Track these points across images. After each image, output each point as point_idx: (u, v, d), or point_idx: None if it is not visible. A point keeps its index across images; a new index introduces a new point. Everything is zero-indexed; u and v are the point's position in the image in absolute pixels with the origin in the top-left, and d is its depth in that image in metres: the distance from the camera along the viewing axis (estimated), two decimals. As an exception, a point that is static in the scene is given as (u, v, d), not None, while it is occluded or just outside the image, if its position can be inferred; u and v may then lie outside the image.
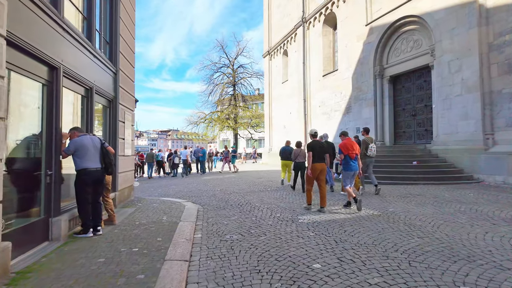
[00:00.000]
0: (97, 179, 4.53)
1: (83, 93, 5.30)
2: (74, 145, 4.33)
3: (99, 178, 4.56)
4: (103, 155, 4.61)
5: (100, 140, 4.66)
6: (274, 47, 23.92)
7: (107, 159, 4.63)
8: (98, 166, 4.53)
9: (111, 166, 4.69)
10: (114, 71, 6.69)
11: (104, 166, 4.62)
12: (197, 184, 12.19)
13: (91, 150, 4.44)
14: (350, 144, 6.55)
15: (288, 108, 21.76)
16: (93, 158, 4.46)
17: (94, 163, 4.46)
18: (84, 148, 4.37)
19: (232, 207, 6.92)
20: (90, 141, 4.50)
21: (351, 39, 14.95)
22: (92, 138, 4.56)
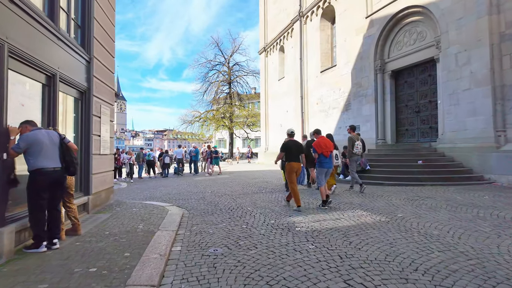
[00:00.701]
0: (56, 181, 3.76)
1: (44, 81, 4.52)
2: (25, 141, 3.56)
3: (58, 179, 3.79)
4: (63, 152, 3.84)
5: (59, 135, 3.90)
6: (270, 43, 23.20)
7: (68, 157, 3.86)
8: (57, 165, 3.77)
9: (73, 165, 3.91)
10: (87, 58, 5.91)
11: (64, 166, 3.85)
12: (187, 186, 11.41)
13: (47, 147, 3.69)
14: (324, 142, 6.56)
15: (285, 106, 21.05)
16: (50, 156, 3.70)
17: (51, 162, 3.71)
18: (39, 145, 3.62)
19: (221, 212, 6.17)
20: (46, 136, 3.74)
21: (350, 33, 14.26)
22: (48, 133, 3.81)
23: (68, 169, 3.86)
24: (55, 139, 3.81)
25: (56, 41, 4.69)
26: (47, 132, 3.80)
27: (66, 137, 3.99)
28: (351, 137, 8.21)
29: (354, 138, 8.21)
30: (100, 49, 6.41)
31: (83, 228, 4.74)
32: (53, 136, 3.80)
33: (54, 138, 3.80)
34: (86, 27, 5.94)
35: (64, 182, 3.91)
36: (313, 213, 5.76)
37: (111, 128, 7.25)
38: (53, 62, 4.61)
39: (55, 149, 3.78)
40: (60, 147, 3.82)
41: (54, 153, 3.75)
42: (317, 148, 6.49)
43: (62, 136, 3.89)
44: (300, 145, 6.68)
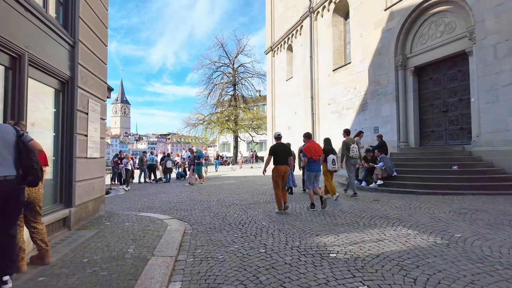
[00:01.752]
0: (6, 195, 2.66)
1: (6, 63, 3.49)
2: None
3: (10, 193, 2.69)
4: (19, 154, 2.77)
5: (15, 130, 2.81)
6: (278, 42, 22.20)
7: (26, 161, 2.76)
8: (9, 172, 2.69)
9: (33, 173, 2.79)
10: (70, 42, 4.90)
11: (21, 173, 2.77)
12: (191, 192, 10.34)
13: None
14: (313, 146, 6.68)
15: (293, 108, 19.97)
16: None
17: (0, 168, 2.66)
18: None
19: (231, 228, 5.09)
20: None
21: (367, 27, 13.19)
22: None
23: (25, 178, 2.79)
24: (9, 136, 2.73)
25: (23, 13, 3.67)
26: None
27: (27, 133, 2.92)
28: (345, 141, 8.16)
29: (349, 141, 8.12)
30: (87, 32, 5.40)
31: (55, 252, 3.69)
32: (5, 133, 2.73)
33: (7, 135, 2.73)
34: (69, 5, 4.93)
35: (19, 195, 2.80)
36: (345, 231, 4.66)
37: (102, 127, 6.22)
38: (19, 39, 3.59)
39: (8, 150, 2.70)
40: (15, 147, 2.75)
41: (6, 156, 2.68)
42: (307, 152, 6.60)
43: (21, 132, 2.82)
44: (288, 148, 6.70)
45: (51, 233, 4.28)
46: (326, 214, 5.88)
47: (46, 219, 4.13)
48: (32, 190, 3.17)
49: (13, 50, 3.50)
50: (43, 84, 4.34)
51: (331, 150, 7.54)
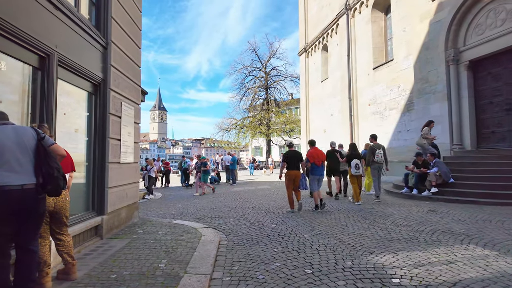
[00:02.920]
0: (23, 207, 2.37)
1: (34, 63, 3.31)
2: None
3: (27, 204, 2.39)
4: (39, 160, 2.47)
5: (35, 133, 2.53)
6: (312, 42, 21.49)
7: (47, 168, 2.46)
8: (28, 181, 2.40)
9: (54, 181, 2.47)
10: (103, 43, 4.74)
11: (41, 182, 2.47)
12: (225, 198, 10.00)
13: (11, 152, 2.36)
14: (316, 153, 7.22)
15: (329, 110, 19.11)
16: (14, 166, 2.36)
17: (15, 176, 2.35)
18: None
19: (269, 240, 4.60)
20: (12, 135, 2.40)
21: (412, 21, 12.16)
22: (16, 130, 2.46)
23: (45, 187, 2.47)
24: (28, 139, 2.46)
25: (53, 11, 3.49)
26: (15, 129, 2.46)
27: (49, 137, 2.64)
28: (371, 146, 8.30)
29: (375, 146, 8.22)
30: (120, 33, 5.24)
31: (83, 266, 3.42)
32: (24, 135, 2.45)
33: (26, 138, 2.45)
34: (101, 5, 4.78)
35: (38, 206, 2.51)
36: (403, 249, 3.97)
37: (136, 132, 6.05)
38: (48, 38, 3.41)
39: (26, 156, 2.43)
40: (35, 153, 2.48)
41: (24, 162, 2.41)
42: (310, 158, 7.14)
43: (42, 135, 2.54)
44: (300, 155, 7.12)
45: (82, 243, 4.07)
46: (377, 227, 5.18)
47: (77, 228, 3.93)
48: (59, 199, 2.91)
49: (41, 49, 3.32)
50: (75, 86, 4.18)
51: (355, 155, 7.90)
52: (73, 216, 4.00)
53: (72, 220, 3.91)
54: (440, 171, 7.89)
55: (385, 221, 5.62)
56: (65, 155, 2.71)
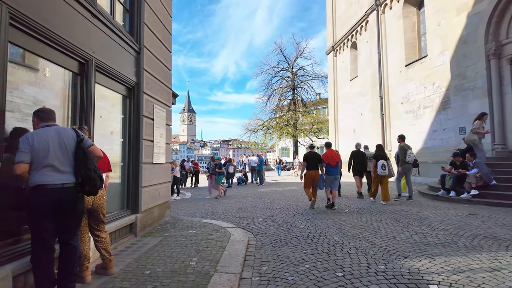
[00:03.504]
0: (64, 204, 2.49)
1: (74, 69, 3.52)
2: (26, 145, 2.39)
3: (68, 202, 2.51)
4: (78, 160, 2.58)
5: (75, 135, 2.64)
6: (340, 40, 21.06)
7: (85, 169, 2.56)
8: (68, 180, 2.52)
9: (92, 182, 2.57)
10: (136, 48, 4.94)
11: (80, 181, 2.58)
12: (252, 199, 10.05)
13: (54, 153, 2.48)
14: (331, 154, 7.64)
15: (359, 109, 18.61)
16: (56, 166, 2.48)
17: (56, 176, 2.47)
18: (39, 149, 2.42)
19: (298, 242, 4.55)
20: (55, 136, 2.52)
21: (448, 14, 11.54)
22: (59, 131, 2.57)
23: (83, 186, 2.57)
24: (68, 140, 2.57)
25: (90, 19, 3.70)
26: (57, 131, 2.56)
27: (88, 138, 2.77)
28: (402, 146, 8.29)
29: (406, 147, 8.25)
30: (152, 38, 5.44)
31: (120, 261, 3.58)
32: (65, 137, 2.56)
33: (67, 139, 2.56)
34: (135, 12, 4.99)
35: (78, 204, 2.63)
36: (441, 254, 3.76)
37: (167, 133, 6.25)
38: (86, 45, 3.61)
39: (67, 156, 2.55)
40: (75, 153, 2.59)
41: (65, 162, 2.54)
42: (325, 159, 7.57)
43: (81, 136, 2.65)
44: (319, 156, 7.66)
45: (118, 240, 4.26)
46: (412, 231, 4.96)
47: (113, 225, 4.12)
48: (96, 197, 3.07)
49: (81, 56, 3.52)
50: (111, 90, 4.39)
51: (381, 155, 7.92)
52: (109, 214, 4.20)
53: (109, 218, 4.11)
54: (480, 172, 7.41)
55: (420, 224, 5.37)
56: (102, 156, 2.81)
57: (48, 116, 2.65)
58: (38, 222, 2.41)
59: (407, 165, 8.12)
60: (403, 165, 8.16)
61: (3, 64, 2.45)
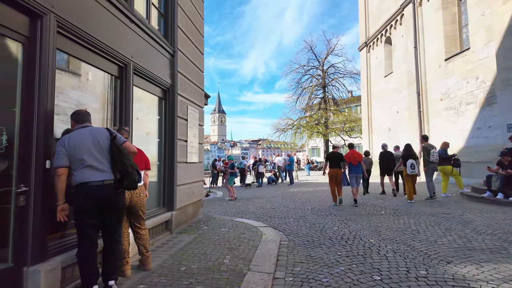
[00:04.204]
0: (105, 201, 2.62)
1: (114, 72, 3.71)
2: (64, 147, 2.53)
3: (108, 198, 2.63)
4: (114, 157, 2.67)
5: (108, 133, 2.73)
6: (373, 36, 20.33)
7: (121, 165, 2.66)
8: (106, 177, 2.63)
9: (130, 177, 2.66)
10: (170, 51, 5.11)
11: (118, 178, 2.68)
12: (283, 198, 10.00)
13: (90, 151, 2.60)
14: (353, 154, 8.13)
15: (394, 106, 17.85)
16: (94, 164, 2.60)
17: (96, 173, 2.59)
18: (76, 150, 2.55)
19: (331, 243, 4.45)
20: (88, 135, 2.64)
21: (493, 3, 10.70)
22: (92, 131, 2.69)
23: (122, 182, 2.67)
24: (103, 139, 2.67)
25: (128, 24, 3.87)
26: (90, 131, 2.67)
27: (120, 136, 2.81)
28: (425, 146, 8.37)
29: (429, 146, 8.32)
30: (185, 41, 5.59)
31: (156, 257, 3.72)
32: (98, 136, 2.66)
33: (101, 138, 2.66)
34: (169, 15, 5.16)
35: (118, 200, 2.74)
36: (489, 260, 3.50)
37: (200, 133, 6.39)
38: (126, 50, 3.79)
39: (103, 154, 2.65)
40: (110, 151, 2.68)
41: (103, 160, 2.64)
42: (347, 159, 8.11)
43: (114, 134, 2.74)
44: (340, 155, 8.21)
45: (155, 236, 4.43)
46: (454, 235, 4.67)
47: (150, 222, 4.28)
48: (133, 194, 3.20)
49: (120, 60, 3.70)
50: (147, 92, 4.57)
51: (410, 155, 8.13)
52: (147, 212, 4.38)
53: (146, 215, 4.28)
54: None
55: (464, 228, 5.04)
56: (136, 152, 2.88)
57: (83, 118, 2.76)
58: (82, 219, 2.55)
59: (432, 164, 8.24)
60: (427, 165, 8.25)
61: (52, 70, 2.64)
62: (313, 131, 34.27)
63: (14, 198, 2.35)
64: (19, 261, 2.36)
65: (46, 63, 2.53)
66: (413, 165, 7.92)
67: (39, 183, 2.47)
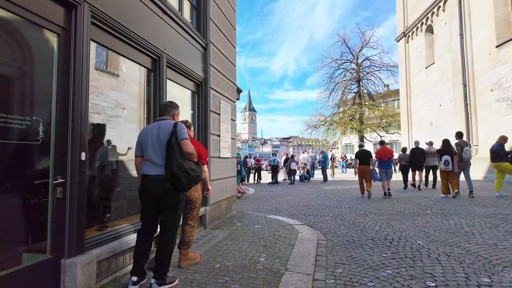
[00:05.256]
0: (157, 196, 2.61)
1: (148, 65, 3.66)
2: (138, 138, 2.81)
3: (160, 194, 2.60)
4: (166, 154, 2.60)
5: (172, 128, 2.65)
6: (413, 25, 19.12)
7: (169, 164, 2.54)
8: (159, 171, 2.61)
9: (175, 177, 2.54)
10: (203, 44, 5.02)
11: (169, 175, 2.56)
12: (317, 196, 9.67)
13: (151, 146, 2.66)
14: (383, 150, 8.75)
15: (436, 99, 16.68)
16: (153, 158, 2.64)
17: (153, 167, 2.63)
18: (142, 143, 2.73)
19: (375, 244, 4.13)
20: (154, 130, 2.68)
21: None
22: (159, 125, 2.70)
23: (170, 181, 2.55)
24: (164, 134, 2.63)
25: (161, 16, 3.81)
26: (159, 124, 2.70)
27: (183, 132, 2.65)
28: (459, 143, 8.27)
29: (463, 143, 8.25)
30: (217, 34, 5.48)
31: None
32: (163, 130, 2.64)
33: (164, 132, 2.63)
34: (201, 8, 5.07)
35: (169, 196, 2.61)
36: None
37: (232, 128, 6.28)
38: (159, 42, 3.73)
39: (161, 147, 2.63)
40: (167, 145, 2.59)
41: (161, 155, 2.63)
42: (377, 155, 8.74)
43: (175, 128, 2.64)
44: (368, 153, 8.79)
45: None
46: None
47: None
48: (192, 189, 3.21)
49: (153, 52, 3.65)
50: (181, 86, 4.51)
51: (446, 151, 8.05)
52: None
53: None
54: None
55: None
56: (190, 153, 2.60)
57: (161, 111, 2.93)
58: (141, 208, 2.73)
59: (464, 163, 8.16)
60: (460, 161, 8.18)
61: (87, 60, 2.61)
62: (346, 127, 33.13)
63: (52, 189, 2.34)
64: (57, 254, 2.35)
65: (80, 54, 2.51)
66: (447, 161, 7.91)
67: (75, 175, 2.45)
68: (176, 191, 2.64)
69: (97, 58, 3.03)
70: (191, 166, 2.62)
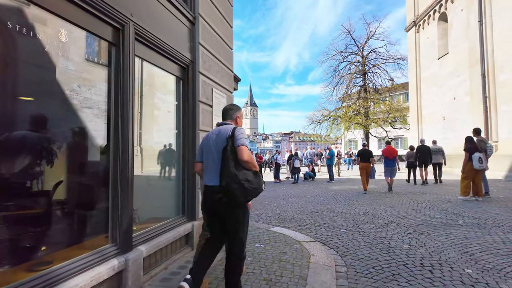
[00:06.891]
0: (214, 208, 2.41)
1: (107, 36, 2.64)
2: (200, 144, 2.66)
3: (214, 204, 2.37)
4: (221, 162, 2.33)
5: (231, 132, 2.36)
6: (424, 13, 17.95)
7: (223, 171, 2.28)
8: (215, 182, 2.36)
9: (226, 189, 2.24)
10: (189, 17, 4.00)
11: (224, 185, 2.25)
12: (324, 199, 8.67)
13: (209, 153, 2.46)
14: (388, 150, 9.63)
15: (450, 92, 15.60)
16: (211, 168, 2.44)
17: (210, 176, 2.43)
18: (202, 149, 2.58)
19: (411, 274, 3.14)
20: (214, 136, 2.46)
21: None
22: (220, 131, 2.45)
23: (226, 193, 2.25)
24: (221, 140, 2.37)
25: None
26: (219, 131, 2.44)
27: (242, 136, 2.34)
28: (481, 139, 7.77)
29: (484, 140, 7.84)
30: (209, 6, 4.46)
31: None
32: (221, 135, 2.39)
33: (221, 138, 2.38)
34: (187, -28, 4.03)
35: (223, 210, 2.34)
36: None
37: (229, 123, 5.27)
38: (121, 4, 2.70)
39: (218, 156, 2.37)
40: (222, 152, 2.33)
41: (218, 162, 2.37)
42: (383, 153, 9.74)
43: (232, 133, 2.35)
44: (369, 152, 9.79)
45: (169, 256, 3.40)
46: None
47: (164, 238, 3.24)
48: None
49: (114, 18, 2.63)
50: (159, 68, 3.51)
51: (475, 148, 7.34)
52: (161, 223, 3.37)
53: (160, 228, 3.26)
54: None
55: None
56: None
57: (223, 116, 2.65)
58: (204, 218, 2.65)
59: None
60: None
61: None
62: (351, 122, 32.04)
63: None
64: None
65: None
66: (481, 159, 7.14)
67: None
68: (231, 205, 2.33)
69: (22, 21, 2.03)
70: (247, 177, 2.28)
